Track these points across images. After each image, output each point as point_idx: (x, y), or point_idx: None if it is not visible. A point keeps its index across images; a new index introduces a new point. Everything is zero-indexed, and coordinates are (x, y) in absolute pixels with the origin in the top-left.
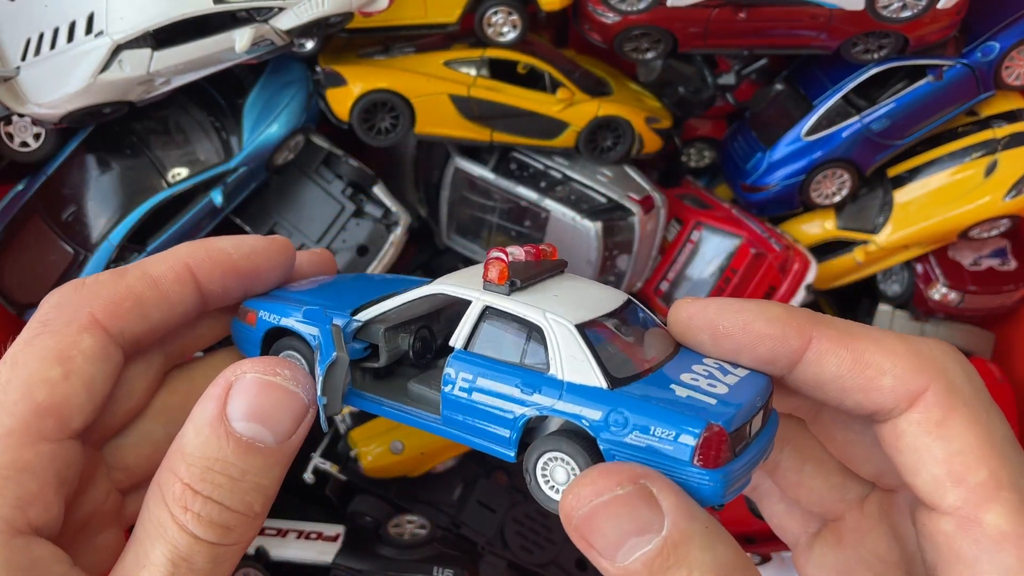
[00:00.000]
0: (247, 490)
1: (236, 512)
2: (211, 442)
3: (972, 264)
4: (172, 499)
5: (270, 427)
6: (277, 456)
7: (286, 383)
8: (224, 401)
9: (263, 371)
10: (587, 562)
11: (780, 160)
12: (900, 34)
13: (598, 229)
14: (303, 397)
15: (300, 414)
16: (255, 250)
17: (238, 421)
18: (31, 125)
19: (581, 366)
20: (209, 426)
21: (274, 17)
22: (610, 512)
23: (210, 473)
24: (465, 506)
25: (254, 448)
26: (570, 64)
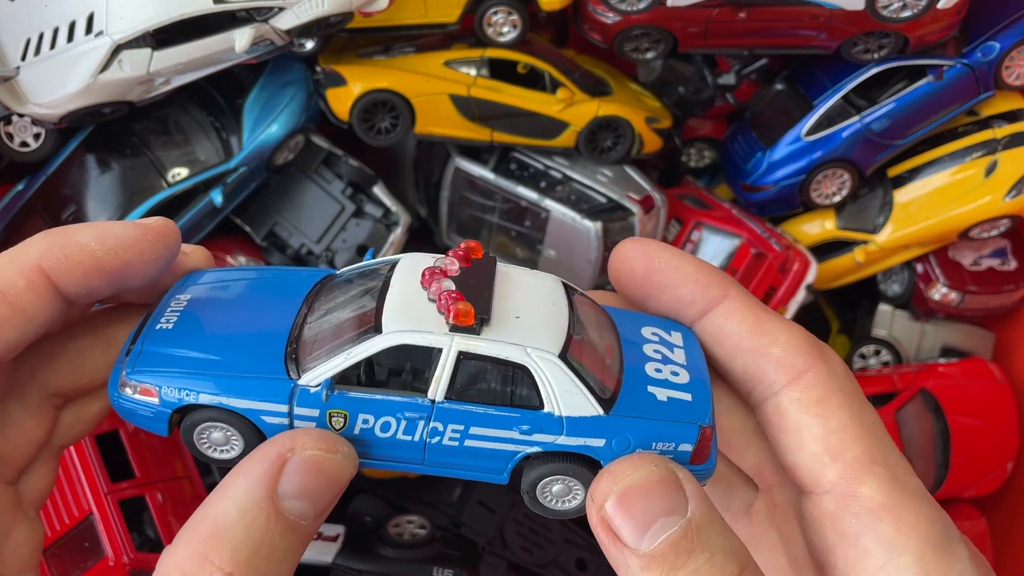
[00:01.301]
0: (287, 571)
1: None
2: (259, 524)
3: (972, 264)
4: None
5: (316, 504)
6: (314, 530)
7: (345, 460)
8: (276, 480)
9: (326, 449)
10: (587, 562)
11: (780, 160)
12: (900, 34)
13: (598, 229)
14: (351, 473)
15: (337, 493)
16: (124, 243)
17: (289, 500)
18: (31, 125)
19: (575, 399)
20: (258, 507)
21: (274, 17)
22: (642, 490)
23: (256, 559)
24: (465, 506)
25: (299, 527)
26: (570, 64)
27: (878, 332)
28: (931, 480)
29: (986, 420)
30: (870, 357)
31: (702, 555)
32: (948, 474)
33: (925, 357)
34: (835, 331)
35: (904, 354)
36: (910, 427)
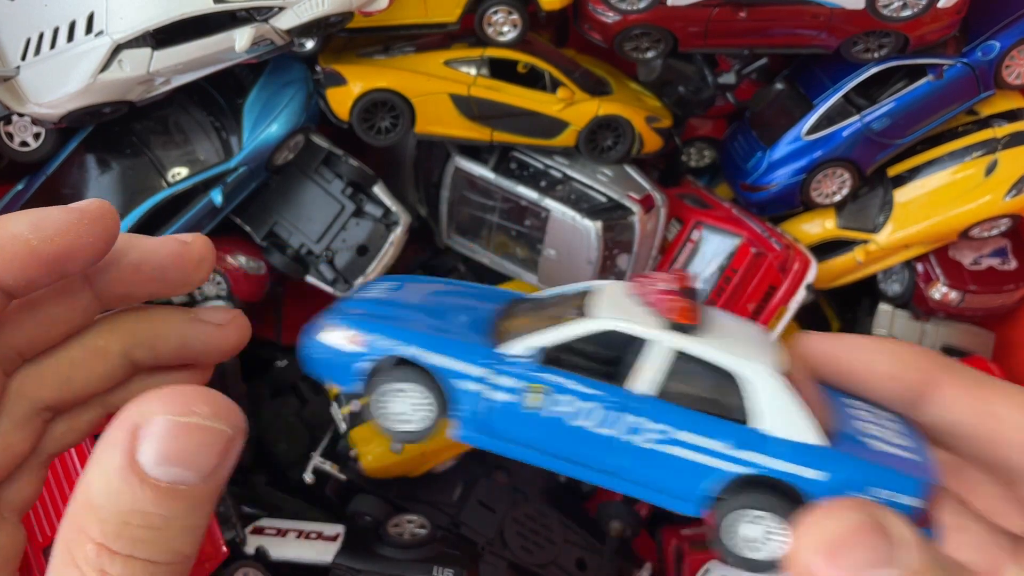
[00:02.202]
0: (174, 536)
1: (164, 564)
2: (124, 493)
3: (972, 263)
4: (85, 563)
5: (192, 467)
6: (204, 493)
7: (206, 421)
8: (131, 447)
9: (177, 411)
10: (587, 562)
11: (780, 159)
12: (900, 33)
13: (598, 228)
14: (228, 431)
15: (226, 447)
16: (60, 229)
17: (154, 468)
18: (31, 125)
19: (794, 420)
20: (118, 476)
21: (274, 17)
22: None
23: (128, 528)
24: (465, 506)
25: (176, 492)
26: (570, 63)
27: (878, 332)
28: None
29: None
30: None
31: None
32: None
33: None
34: (835, 331)
35: None
36: None
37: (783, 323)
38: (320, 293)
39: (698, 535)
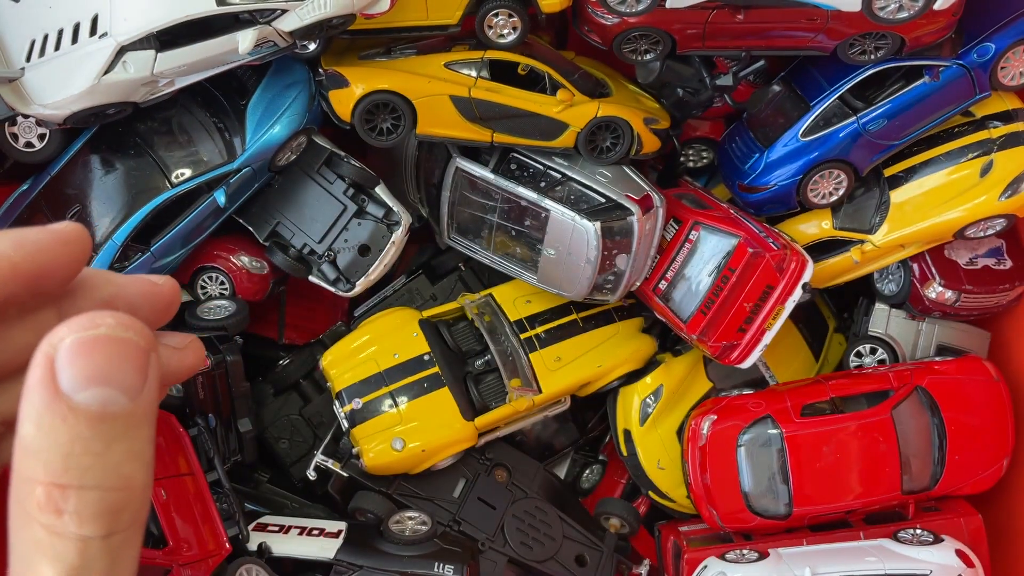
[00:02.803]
0: (120, 461)
1: (118, 490)
2: (57, 427)
3: (968, 263)
4: (39, 509)
5: (117, 386)
6: (137, 415)
7: (114, 332)
8: (52, 379)
9: (84, 327)
10: (586, 558)
11: (777, 160)
12: (897, 35)
13: (597, 229)
14: (139, 341)
15: (142, 361)
16: (38, 248)
17: (79, 393)
18: (36, 126)
19: None
20: (48, 411)
21: (277, 19)
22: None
23: (71, 459)
24: (466, 503)
25: (108, 414)
26: (570, 66)
27: (875, 331)
28: (927, 477)
29: (982, 418)
30: (866, 356)
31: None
32: (944, 471)
33: (921, 356)
34: (832, 330)
35: (900, 353)
36: (906, 425)
37: (780, 322)
38: (322, 293)
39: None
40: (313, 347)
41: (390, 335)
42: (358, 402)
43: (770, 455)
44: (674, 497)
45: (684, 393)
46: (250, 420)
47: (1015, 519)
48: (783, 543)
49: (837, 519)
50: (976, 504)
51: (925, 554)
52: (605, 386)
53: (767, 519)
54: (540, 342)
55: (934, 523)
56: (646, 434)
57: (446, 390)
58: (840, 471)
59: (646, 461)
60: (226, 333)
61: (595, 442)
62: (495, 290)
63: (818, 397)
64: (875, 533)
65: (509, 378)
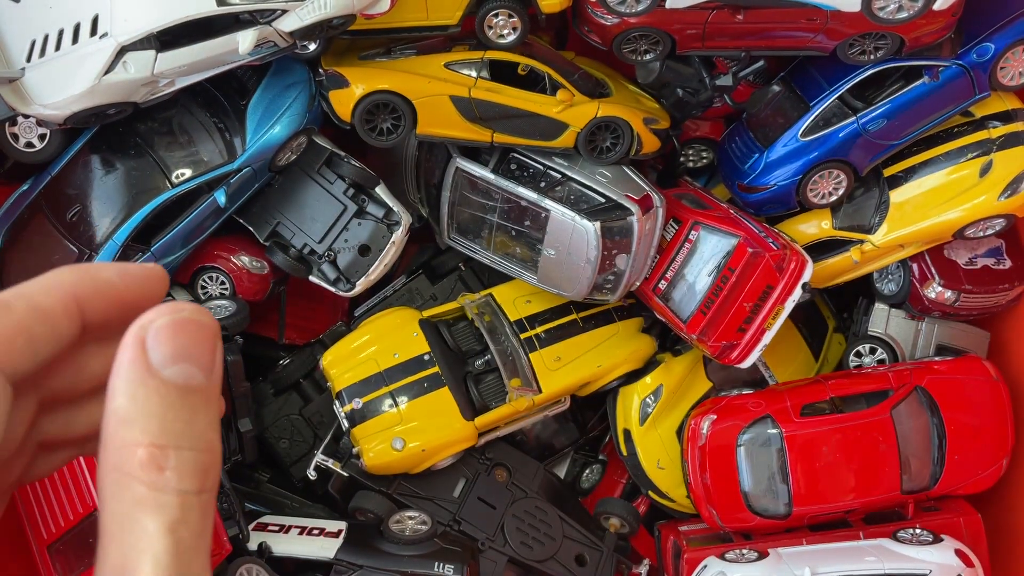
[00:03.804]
0: (204, 429)
1: (205, 452)
2: (152, 398)
3: (967, 263)
4: (142, 467)
5: (196, 363)
6: (210, 390)
7: (195, 315)
8: (144, 356)
9: (170, 312)
10: (586, 557)
11: (777, 160)
12: (896, 35)
13: (597, 228)
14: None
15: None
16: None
17: (166, 368)
18: (36, 126)
19: None
20: (141, 384)
21: (277, 19)
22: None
23: (166, 423)
24: (465, 502)
25: (191, 388)
26: (570, 66)
27: (874, 331)
28: (927, 477)
29: (981, 417)
30: (866, 356)
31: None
32: (944, 471)
33: (921, 355)
34: (831, 330)
35: (900, 352)
36: (905, 424)
37: (780, 322)
38: (322, 293)
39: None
40: (313, 347)
41: (390, 335)
42: (358, 402)
43: (770, 455)
44: (674, 497)
45: (684, 393)
46: (250, 420)
47: (1015, 519)
48: (783, 543)
49: (837, 519)
50: (976, 504)
51: (925, 554)
52: (605, 386)
53: (767, 519)
54: (540, 342)
55: (934, 523)
56: (646, 434)
57: (446, 390)
58: (840, 471)
59: (646, 461)
60: (226, 333)
61: (595, 442)
62: (495, 290)
63: (818, 397)
64: (875, 533)
65: (509, 378)
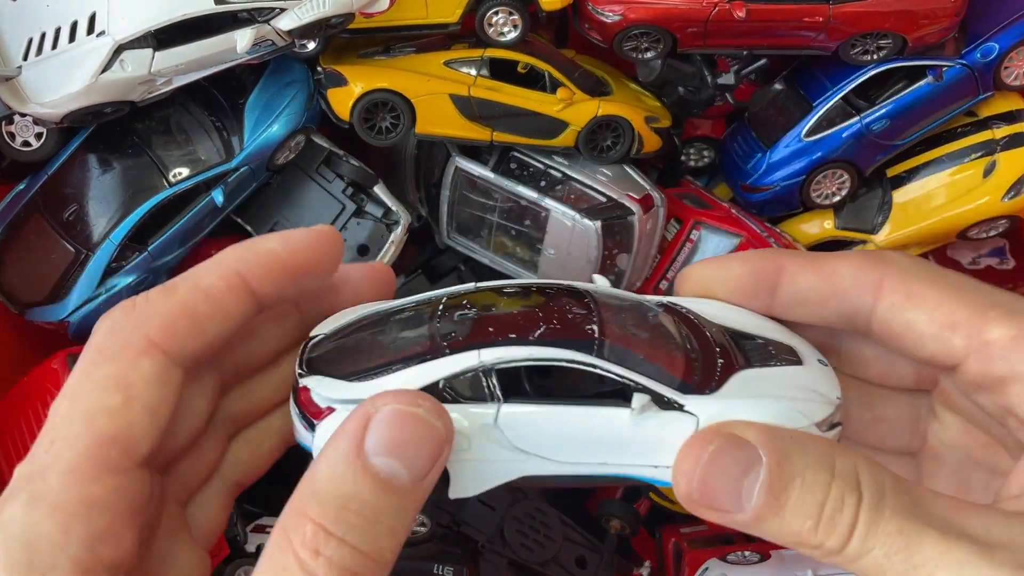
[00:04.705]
0: (381, 533)
1: (368, 558)
2: (347, 478)
3: (971, 263)
4: (301, 543)
5: (407, 464)
6: (411, 497)
7: (428, 416)
8: (362, 436)
9: (405, 403)
10: (587, 560)
11: (780, 161)
12: (899, 35)
13: (597, 228)
14: (442, 432)
15: (437, 451)
16: (304, 244)
17: (375, 456)
18: (33, 124)
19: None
20: (345, 461)
21: (275, 18)
22: (714, 469)
23: (345, 512)
24: (465, 504)
25: (390, 486)
26: (570, 64)
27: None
28: None
29: None
30: None
31: (794, 484)
32: None
33: None
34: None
35: None
36: None
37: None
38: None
39: (697, 533)
40: None
41: None
42: None
43: None
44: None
45: None
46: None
47: None
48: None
49: None
50: None
51: None
52: None
53: None
54: None
55: None
56: None
57: None
58: None
59: None
60: None
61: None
62: None
63: None
64: None
65: None
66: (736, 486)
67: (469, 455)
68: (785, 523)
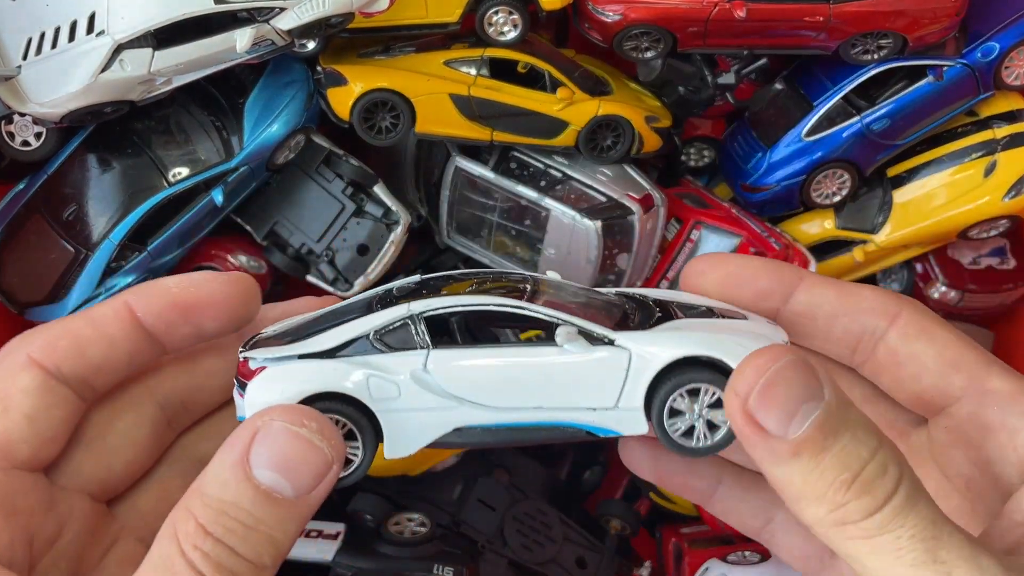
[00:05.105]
0: (259, 540)
1: (245, 560)
2: (230, 485)
3: (971, 263)
4: (184, 536)
5: (290, 479)
6: (294, 511)
7: (312, 436)
8: (249, 447)
9: (291, 421)
10: (587, 560)
11: (780, 160)
12: (899, 35)
13: (598, 228)
14: (327, 453)
15: (322, 471)
16: (199, 285)
17: (259, 469)
18: (32, 124)
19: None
20: (230, 469)
21: (275, 17)
22: (782, 379)
23: (224, 517)
24: (465, 504)
25: (271, 499)
26: (570, 63)
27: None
28: None
29: None
30: None
31: (846, 433)
32: None
33: None
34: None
35: None
36: None
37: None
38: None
39: (697, 534)
40: None
41: None
42: None
43: None
44: (675, 499)
45: None
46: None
47: None
48: None
49: None
50: None
51: None
52: None
53: None
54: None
55: None
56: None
57: None
58: None
59: None
60: None
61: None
62: None
63: None
64: None
65: None
66: (792, 407)
67: (399, 404)
68: (820, 467)
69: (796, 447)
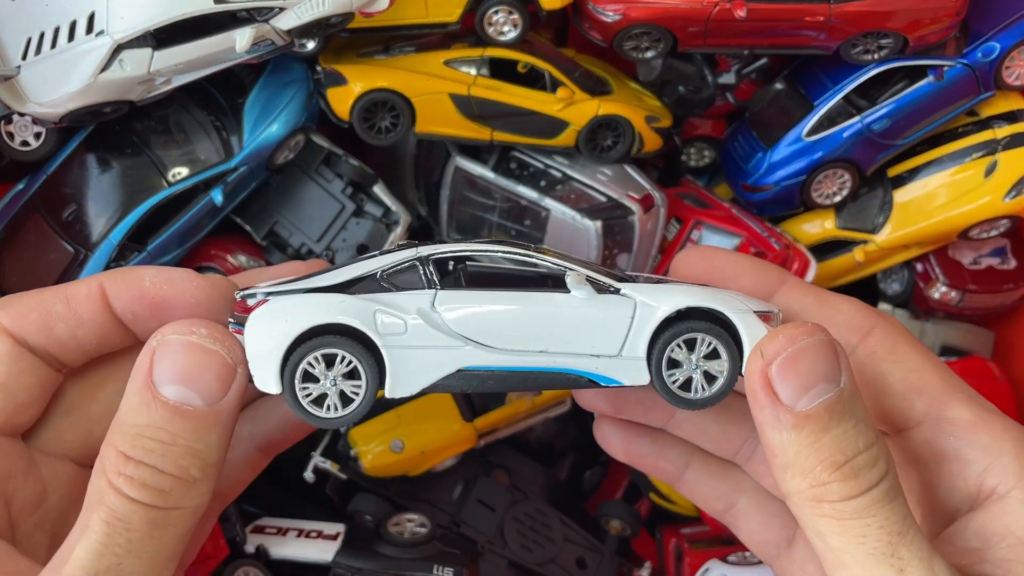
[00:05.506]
0: (180, 454)
1: (170, 475)
2: (140, 409)
3: (972, 263)
4: (109, 466)
5: (196, 389)
6: (209, 420)
7: (203, 341)
8: (150, 368)
9: (180, 332)
10: (586, 560)
11: (781, 160)
12: (900, 35)
13: (598, 228)
14: (224, 356)
15: (225, 374)
16: (171, 281)
17: (164, 386)
18: (32, 124)
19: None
20: (138, 394)
21: (275, 17)
22: (810, 354)
23: (140, 439)
24: (465, 505)
25: (183, 412)
26: (570, 63)
27: None
28: None
29: None
30: None
31: (849, 420)
32: None
33: None
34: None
35: None
36: None
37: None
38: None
39: (698, 534)
40: None
41: None
42: None
43: None
44: (675, 499)
45: None
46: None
47: None
48: None
49: None
50: None
51: None
52: None
53: None
54: None
55: None
56: None
57: None
58: None
59: None
60: None
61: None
62: None
63: None
64: None
65: None
66: (810, 382)
67: (405, 340)
68: (817, 444)
69: (801, 420)
